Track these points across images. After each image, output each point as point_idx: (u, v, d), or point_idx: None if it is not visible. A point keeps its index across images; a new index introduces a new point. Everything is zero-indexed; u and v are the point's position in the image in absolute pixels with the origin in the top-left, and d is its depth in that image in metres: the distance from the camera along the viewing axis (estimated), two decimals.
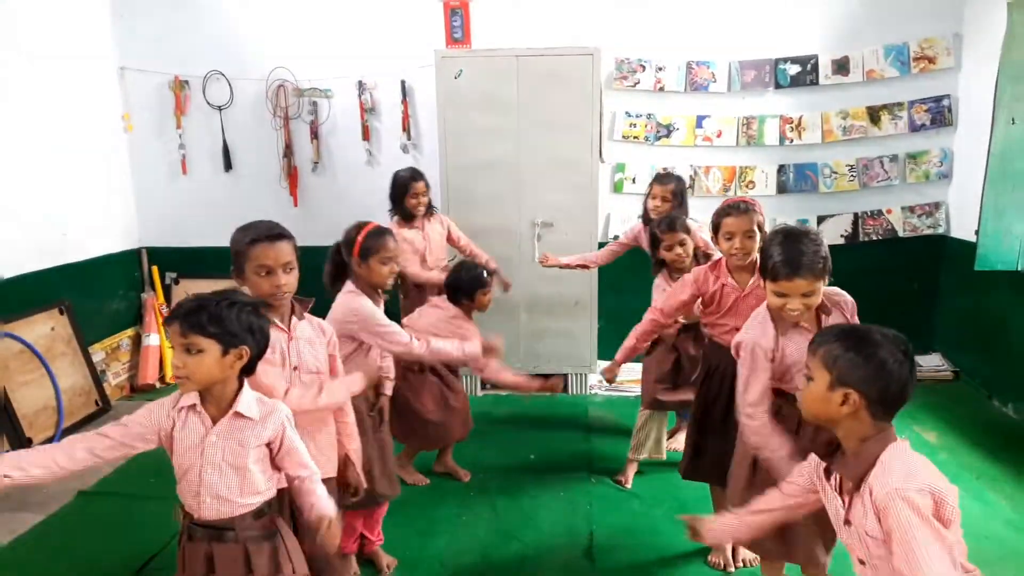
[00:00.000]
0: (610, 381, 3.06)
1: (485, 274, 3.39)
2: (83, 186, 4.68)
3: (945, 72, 4.71)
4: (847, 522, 1.60)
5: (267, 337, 1.81)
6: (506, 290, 4.16)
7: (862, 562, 1.61)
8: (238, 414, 1.75)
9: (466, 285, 3.29)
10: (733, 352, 2.27)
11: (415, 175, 3.98)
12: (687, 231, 3.13)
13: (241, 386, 1.78)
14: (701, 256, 3.18)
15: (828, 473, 1.70)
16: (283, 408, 1.84)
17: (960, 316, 4.77)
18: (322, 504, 1.83)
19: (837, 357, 1.56)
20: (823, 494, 1.74)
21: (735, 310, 2.58)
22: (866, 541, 1.55)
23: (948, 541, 1.43)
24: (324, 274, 2.65)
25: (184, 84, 5.02)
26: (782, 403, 2.21)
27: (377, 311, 2.55)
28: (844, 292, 2.24)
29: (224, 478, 1.74)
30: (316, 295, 2.36)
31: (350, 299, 2.55)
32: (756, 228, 2.51)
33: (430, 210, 4.06)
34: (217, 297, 1.73)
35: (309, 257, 2.66)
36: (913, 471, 1.49)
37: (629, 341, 2.92)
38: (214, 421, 1.75)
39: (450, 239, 4.16)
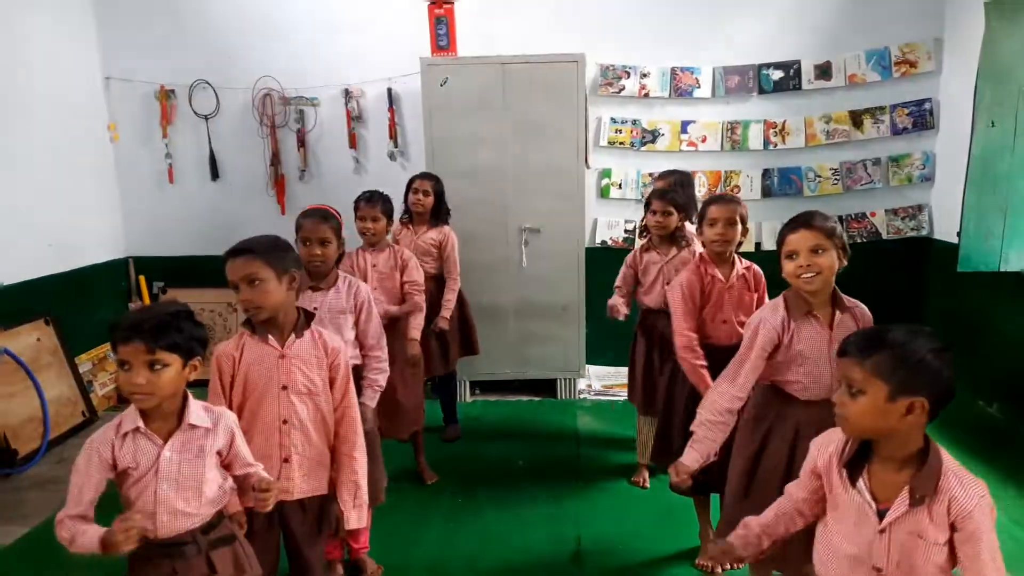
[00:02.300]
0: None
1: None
2: (69, 196, 4.66)
3: (926, 76, 4.77)
4: (882, 531, 1.52)
5: (207, 346, 1.80)
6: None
7: (878, 570, 1.54)
8: (192, 425, 1.74)
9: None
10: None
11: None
12: (677, 208, 3.19)
13: (186, 396, 1.77)
14: (679, 237, 3.26)
15: (853, 478, 1.59)
16: (229, 414, 1.85)
17: (944, 317, 4.81)
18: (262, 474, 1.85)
19: (895, 365, 1.45)
20: (838, 498, 1.61)
21: (720, 302, 2.71)
22: (911, 550, 1.49)
23: None
24: None
25: (170, 93, 5.01)
26: (782, 405, 2.18)
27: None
28: (866, 308, 2.19)
29: (181, 491, 1.71)
30: None
31: None
32: (739, 219, 2.63)
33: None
34: (169, 308, 1.72)
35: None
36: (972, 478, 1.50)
37: (697, 378, 2.70)
38: (165, 437, 1.72)
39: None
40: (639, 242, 3.57)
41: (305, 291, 2.58)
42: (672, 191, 3.29)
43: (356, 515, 2.22)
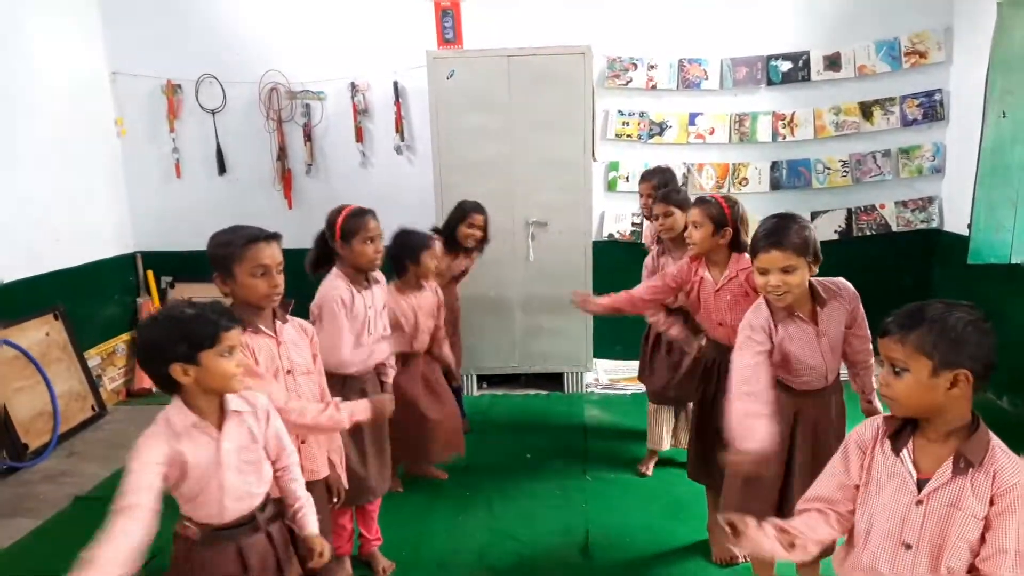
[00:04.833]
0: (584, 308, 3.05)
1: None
2: (77, 191, 4.67)
3: (936, 67, 4.72)
4: (919, 502, 1.50)
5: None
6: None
7: (907, 546, 1.51)
8: (236, 412, 1.76)
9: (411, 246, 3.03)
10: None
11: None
12: (678, 206, 3.08)
13: None
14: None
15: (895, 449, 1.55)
16: (263, 398, 1.86)
17: None
18: (308, 520, 1.88)
19: (935, 340, 1.44)
20: (878, 470, 1.57)
21: (708, 305, 2.67)
22: (945, 524, 1.46)
23: None
24: (307, 259, 2.64)
25: (177, 88, 5.01)
26: (780, 394, 2.20)
27: (338, 314, 2.45)
28: (846, 282, 2.23)
29: (243, 476, 1.75)
30: (304, 297, 2.37)
31: (329, 281, 2.53)
32: (707, 219, 2.58)
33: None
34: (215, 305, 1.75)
35: (303, 260, 2.67)
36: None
37: (620, 300, 2.87)
38: (217, 426, 1.73)
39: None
40: (649, 242, 3.54)
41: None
42: (671, 190, 3.21)
43: (345, 477, 2.41)
